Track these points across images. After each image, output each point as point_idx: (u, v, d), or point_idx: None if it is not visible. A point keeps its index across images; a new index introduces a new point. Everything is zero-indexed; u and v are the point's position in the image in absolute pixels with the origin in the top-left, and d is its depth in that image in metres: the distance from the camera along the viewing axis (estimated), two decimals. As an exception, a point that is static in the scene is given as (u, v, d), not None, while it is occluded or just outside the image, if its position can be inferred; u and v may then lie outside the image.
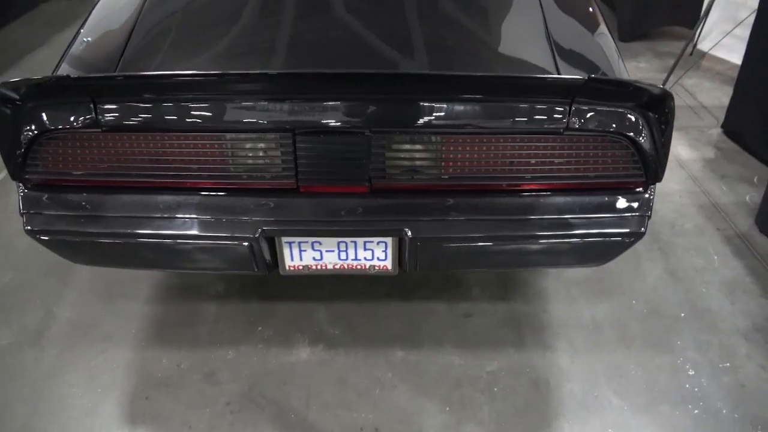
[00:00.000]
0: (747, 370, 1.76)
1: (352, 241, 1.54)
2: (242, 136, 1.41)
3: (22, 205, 1.49)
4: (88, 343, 1.83)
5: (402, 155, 1.44)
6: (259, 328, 1.89)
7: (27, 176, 1.48)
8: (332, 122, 1.39)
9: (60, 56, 1.62)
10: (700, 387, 1.71)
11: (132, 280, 2.05)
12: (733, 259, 2.17)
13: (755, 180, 2.61)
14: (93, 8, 1.81)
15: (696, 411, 1.64)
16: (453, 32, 1.65)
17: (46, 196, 1.50)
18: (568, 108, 1.37)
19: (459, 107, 1.39)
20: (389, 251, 1.56)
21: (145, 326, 1.89)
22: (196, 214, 1.47)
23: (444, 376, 1.74)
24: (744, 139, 2.86)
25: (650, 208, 1.49)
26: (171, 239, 1.47)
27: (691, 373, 1.75)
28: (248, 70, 1.41)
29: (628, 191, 1.49)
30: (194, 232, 1.46)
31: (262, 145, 1.42)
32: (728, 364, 1.78)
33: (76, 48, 1.65)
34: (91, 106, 1.38)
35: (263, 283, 2.03)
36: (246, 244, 1.47)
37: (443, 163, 1.45)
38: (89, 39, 1.69)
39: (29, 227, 1.47)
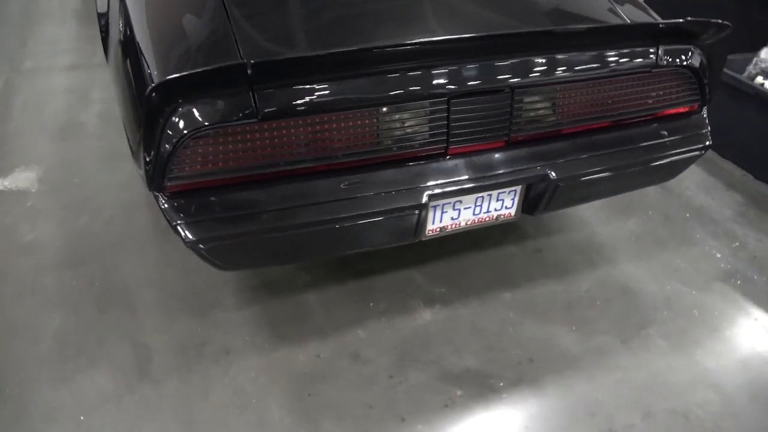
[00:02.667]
0: (751, 244, 2.25)
1: (488, 195, 1.65)
2: (401, 107, 1.44)
3: (175, 215, 1.35)
4: (208, 362, 1.69)
5: (534, 106, 1.58)
6: (371, 304, 1.90)
7: (173, 183, 1.34)
8: (480, 83, 1.49)
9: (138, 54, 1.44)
10: (730, 264, 2.15)
11: (206, 290, 1.91)
12: (693, 166, 2.68)
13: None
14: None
15: (739, 282, 2.07)
16: None
17: (201, 200, 1.37)
18: (657, 49, 1.64)
19: (577, 57, 1.57)
20: (516, 199, 1.70)
21: (257, 330, 1.80)
22: (359, 192, 1.46)
23: (553, 303, 1.95)
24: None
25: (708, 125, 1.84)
26: (342, 222, 1.44)
27: (718, 256, 2.19)
28: (401, 41, 1.42)
29: (694, 113, 1.81)
30: (363, 210, 1.45)
31: (419, 113, 1.46)
32: (737, 243, 2.25)
33: (161, 43, 1.48)
34: (250, 94, 1.30)
35: (345, 265, 2.03)
36: (416, 212, 1.51)
37: (565, 109, 1.63)
38: (168, 32, 1.52)
39: (192, 237, 1.34)
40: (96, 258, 2.02)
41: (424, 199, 1.49)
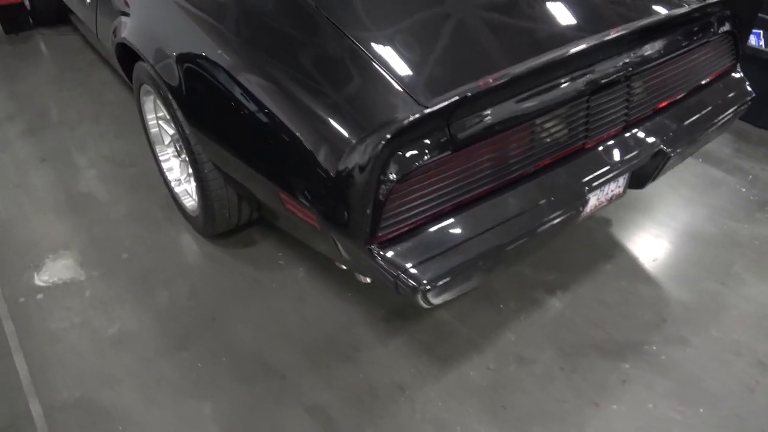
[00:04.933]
0: (760, 174, 2.58)
1: (614, 177, 1.76)
2: (559, 111, 1.51)
3: (395, 265, 1.31)
4: (389, 404, 1.65)
5: (643, 88, 1.72)
6: (501, 306, 1.95)
7: (383, 232, 1.31)
8: (608, 76, 1.59)
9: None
10: (755, 196, 2.46)
11: (338, 333, 1.85)
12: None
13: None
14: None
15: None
16: None
17: (413, 242, 1.35)
18: (713, 19, 1.84)
19: (668, 39, 1.72)
20: (626, 176, 1.83)
21: (415, 359, 1.78)
22: (544, 196, 1.52)
23: (648, 262, 2.12)
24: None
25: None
26: (534, 228, 1.48)
27: (743, 190, 2.50)
28: (561, 52, 1.45)
29: (734, 70, 2.05)
30: (550, 214, 1.50)
31: (571, 112, 1.55)
32: (751, 177, 2.58)
33: (330, 103, 1.38)
34: (446, 130, 1.30)
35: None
36: (581, 208, 1.59)
37: (662, 85, 1.79)
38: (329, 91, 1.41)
39: (421, 282, 1.30)
40: (204, 332, 1.86)
41: (587, 194, 1.58)
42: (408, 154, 1.25)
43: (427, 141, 1.28)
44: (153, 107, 2.18)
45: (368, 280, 1.62)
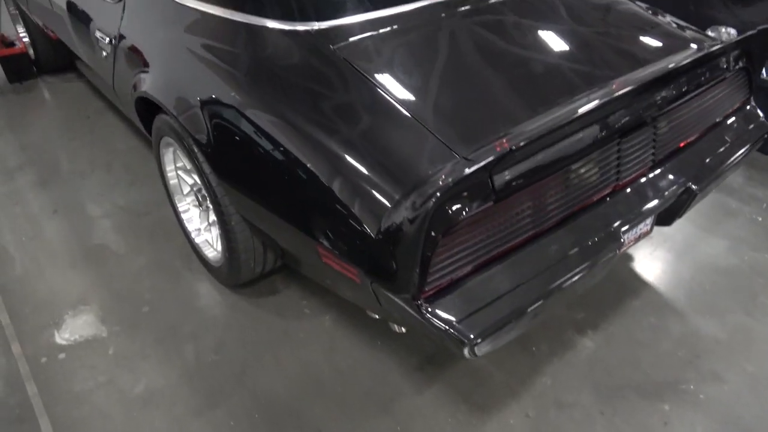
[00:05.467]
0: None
1: (646, 217, 1.76)
2: (592, 155, 1.53)
3: (444, 319, 1.30)
4: (432, 457, 1.62)
5: (668, 128, 1.74)
6: (534, 348, 1.93)
7: (430, 287, 1.31)
8: (638, 119, 1.60)
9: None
10: (772, 223, 2.49)
11: (372, 385, 1.81)
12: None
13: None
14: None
15: (790, 236, 2.41)
16: (616, 39, 1.89)
17: (459, 295, 1.34)
18: (728, 56, 1.87)
19: (689, 79, 1.74)
20: (653, 215, 1.84)
21: (453, 408, 1.75)
22: (582, 240, 1.53)
23: (677, 297, 2.12)
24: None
25: None
26: (576, 273, 1.47)
27: (760, 219, 2.52)
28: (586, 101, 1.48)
29: (750, 104, 2.09)
30: (590, 257, 1.50)
31: (603, 155, 1.56)
32: (765, 205, 2.60)
33: (371, 160, 1.37)
34: (489, 182, 1.30)
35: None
36: (618, 250, 1.58)
37: (684, 124, 1.81)
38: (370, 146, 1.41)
39: (476, 339, 1.28)
40: (235, 387, 1.82)
41: (622, 236, 1.58)
42: (453, 208, 1.25)
43: (471, 193, 1.28)
44: (173, 158, 2.18)
45: (403, 330, 1.60)
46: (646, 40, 1.91)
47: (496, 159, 1.24)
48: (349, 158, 1.38)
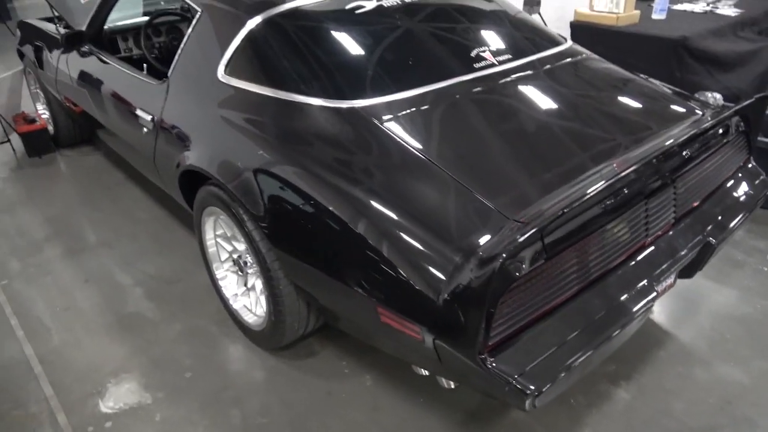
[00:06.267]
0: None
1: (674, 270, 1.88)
2: (625, 213, 1.66)
3: (507, 373, 1.39)
4: None
5: (686, 187, 1.90)
6: (572, 401, 2.00)
7: (491, 342, 1.41)
8: (662, 181, 1.76)
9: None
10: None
11: None
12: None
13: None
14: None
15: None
16: (631, 108, 2.09)
17: (518, 348, 1.43)
18: (735, 123, 2.07)
19: (702, 141, 1.91)
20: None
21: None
22: (621, 293, 1.64)
23: (698, 346, 2.22)
24: None
25: None
26: (622, 324, 1.58)
27: (765, 269, 2.66)
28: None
29: (750, 163, 2.27)
30: (631, 308, 1.62)
31: (634, 215, 1.70)
32: (768, 255, 2.76)
33: (431, 226, 1.50)
34: (541, 241, 1.42)
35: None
36: (654, 301, 1.70)
37: (698, 182, 1.97)
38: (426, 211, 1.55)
39: (537, 390, 1.36)
40: (285, 450, 1.85)
41: (656, 288, 1.70)
42: (514, 267, 1.36)
43: (528, 253, 1.39)
44: (213, 227, 2.27)
45: (452, 385, 1.67)
46: (658, 108, 2.11)
47: (550, 221, 1.37)
48: (407, 223, 1.50)
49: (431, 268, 1.42)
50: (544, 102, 2.01)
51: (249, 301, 2.28)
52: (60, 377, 2.17)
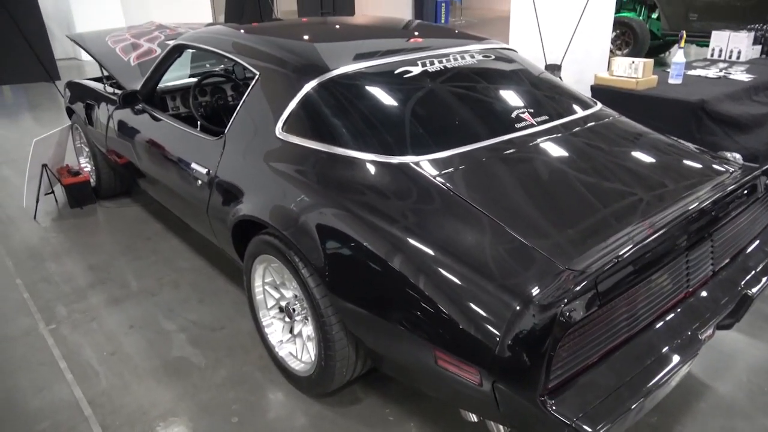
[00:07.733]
0: (807, 308, 2.81)
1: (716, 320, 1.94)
2: (668, 264, 1.75)
3: (568, 413, 1.45)
4: None
5: (721, 240, 1.99)
6: (616, 451, 2.02)
7: (551, 385, 1.47)
8: (697, 236, 1.85)
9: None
10: (810, 328, 2.67)
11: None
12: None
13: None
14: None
15: (829, 340, 2.58)
16: (658, 167, 2.19)
17: (576, 391, 1.49)
18: (762, 182, 2.18)
19: (737, 198, 2.02)
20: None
21: None
22: (666, 342, 1.72)
23: (737, 398, 2.24)
24: None
25: None
26: (672, 370, 1.64)
27: (796, 323, 2.70)
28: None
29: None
30: (681, 355, 1.68)
31: (676, 266, 1.79)
32: (798, 310, 2.80)
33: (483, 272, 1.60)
34: (596, 289, 1.51)
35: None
36: (698, 351, 1.76)
37: (735, 234, 2.06)
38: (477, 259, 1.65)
39: (595, 428, 1.42)
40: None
41: (700, 336, 1.77)
42: (569, 313, 1.44)
43: (582, 300, 1.48)
44: (262, 274, 2.37)
45: (475, 418, 1.72)
46: (690, 166, 2.23)
47: (604, 269, 1.46)
48: (467, 271, 1.60)
49: (492, 314, 1.50)
50: (583, 159, 2.14)
51: (294, 347, 2.34)
52: (110, 420, 2.22)
